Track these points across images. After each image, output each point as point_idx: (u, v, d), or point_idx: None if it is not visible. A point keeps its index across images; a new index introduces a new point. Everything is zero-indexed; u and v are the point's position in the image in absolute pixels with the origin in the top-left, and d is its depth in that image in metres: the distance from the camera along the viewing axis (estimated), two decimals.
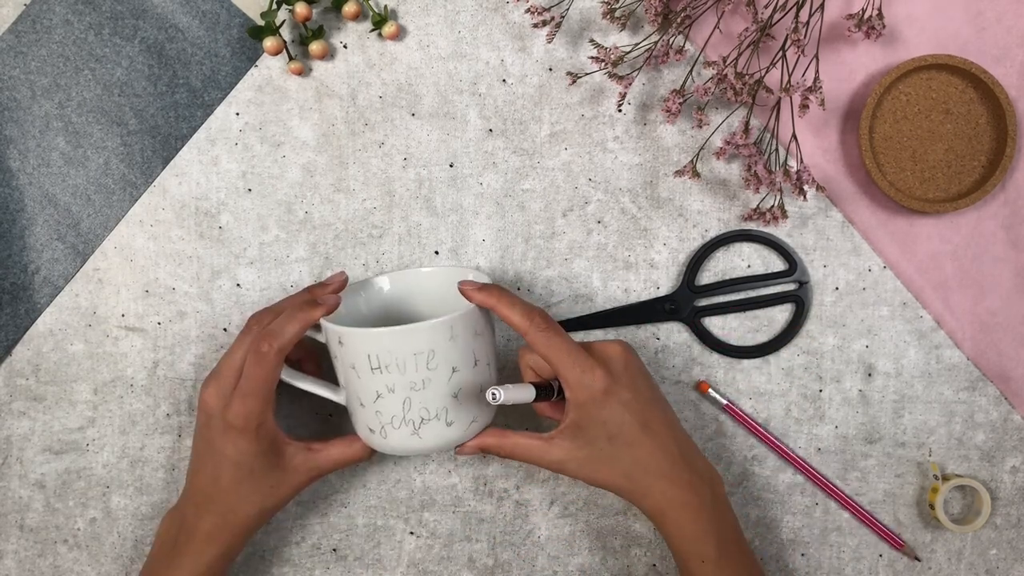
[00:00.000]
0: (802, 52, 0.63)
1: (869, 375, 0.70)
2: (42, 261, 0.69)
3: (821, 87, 0.63)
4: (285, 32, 0.68)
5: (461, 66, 0.69)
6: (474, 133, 0.69)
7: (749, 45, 0.64)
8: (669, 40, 0.64)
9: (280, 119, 0.69)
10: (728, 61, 0.63)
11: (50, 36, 0.68)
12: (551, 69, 0.69)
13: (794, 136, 0.66)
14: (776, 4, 0.63)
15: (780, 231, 0.69)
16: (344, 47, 0.69)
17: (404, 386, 0.58)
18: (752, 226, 0.69)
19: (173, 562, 0.61)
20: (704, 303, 0.69)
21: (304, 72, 0.68)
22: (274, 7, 0.67)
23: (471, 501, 0.70)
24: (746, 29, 0.64)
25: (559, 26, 0.67)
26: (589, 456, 0.59)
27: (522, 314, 0.58)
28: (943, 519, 0.68)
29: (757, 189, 0.66)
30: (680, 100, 0.65)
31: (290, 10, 0.67)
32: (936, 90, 0.67)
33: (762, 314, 0.70)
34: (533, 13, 0.66)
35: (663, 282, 0.70)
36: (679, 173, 0.66)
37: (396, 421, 0.59)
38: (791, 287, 0.69)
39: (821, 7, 0.64)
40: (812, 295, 0.69)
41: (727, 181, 0.69)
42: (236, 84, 0.68)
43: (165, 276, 0.69)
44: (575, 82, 0.67)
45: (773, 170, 0.66)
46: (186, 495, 0.63)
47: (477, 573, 0.71)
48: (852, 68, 0.68)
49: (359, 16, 0.68)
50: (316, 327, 0.61)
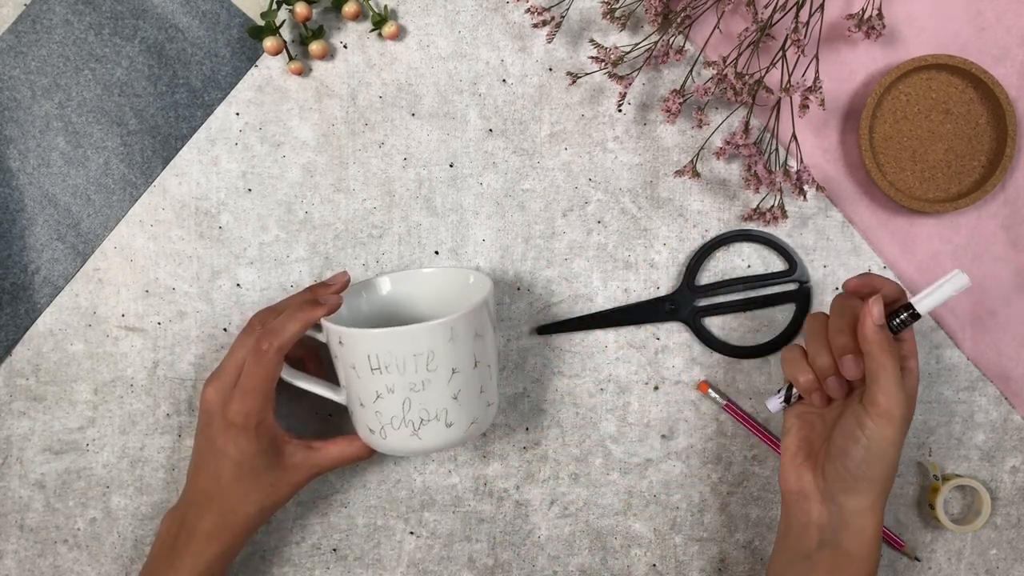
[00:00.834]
0: (802, 52, 0.63)
1: None
2: (42, 261, 0.69)
3: (821, 87, 0.63)
4: (285, 32, 0.68)
5: (461, 66, 0.69)
6: (474, 133, 0.69)
7: (749, 45, 0.64)
8: (669, 40, 0.64)
9: (280, 119, 0.69)
10: (728, 61, 0.63)
11: (50, 36, 0.68)
12: (551, 69, 0.69)
13: (794, 136, 0.66)
14: (776, 4, 0.63)
15: (780, 231, 0.69)
16: (344, 47, 0.69)
17: (404, 387, 0.58)
18: (752, 226, 0.69)
19: (174, 561, 0.61)
20: (704, 303, 0.69)
21: (304, 72, 0.68)
22: (274, 7, 0.67)
23: (471, 501, 0.70)
24: (746, 29, 0.64)
25: (559, 26, 0.67)
26: (900, 447, 0.57)
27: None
28: (943, 519, 0.68)
29: (757, 189, 0.66)
30: (680, 100, 0.65)
31: (290, 10, 0.67)
32: (936, 90, 0.67)
33: (762, 314, 0.70)
34: (533, 13, 0.66)
35: (663, 282, 0.70)
36: (679, 173, 0.66)
37: (396, 422, 0.59)
38: (791, 287, 0.69)
39: (821, 7, 0.64)
40: (812, 295, 0.69)
41: (727, 181, 0.69)
42: (236, 84, 0.68)
43: (165, 276, 0.69)
44: (575, 82, 0.67)
45: (773, 170, 0.66)
46: (186, 494, 0.63)
47: (477, 573, 0.71)
48: (852, 68, 0.68)
49: (359, 16, 0.68)
50: (317, 327, 0.61)
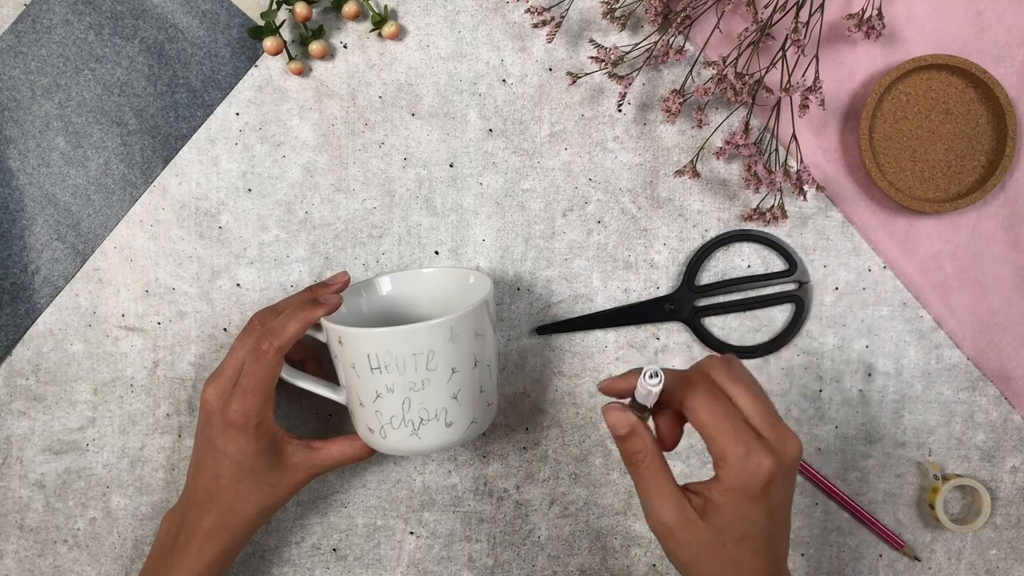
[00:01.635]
0: (802, 52, 0.63)
1: (869, 375, 0.70)
2: (42, 261, 0.69)
3: (821, 87, 0.63)
4: (285, 32, 0.68)
5: (461, 66, 0.69)
6: (474, 133, 0.69)
7: (749, 45, 0.64)
8: (669, 40, 0.64)
9: (280, 119, 0.69)
10: (728, 61, 0.63)
11: (50, 36, 0.68)
12: (551, 69, 0.69)
13: (794, 136, 0.66)
14: (776, 4, 0.63)
15: (780, 231, 0.69)
16: (344, 47, 0.69)
17: (403, 386, 0.58)
18: (752, 226, 0.69)
19: (174, 561, 0.61)
20: (704, 303, 0.69)
21: (304, 72, 0.68)
22: (274, 7, 0.67)
23: (471, 501, 0.70)
24: (746, 29, 0.64)
25: (559, 26, 0.67)
26: (707, 544, 0.49)
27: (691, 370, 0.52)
28: (943, 519, 0.68)
29: (757, 189, 0.66)
30: (680, 100, 0.65)
31: (290, 10, 0.67)
32: (936, 90, 0.67)
33: (762, 314, 0.70)
34: (533, 13, 0.66)
35: (663, 282, 0.70)
36: (679, 173, 0.66)
37: (395, 421, 0.59)
38: (791, 287, 0.69)
39: (821, 7, 0.64)
40: (812, 295, 0.69)
41: (727, 181, 0.69)
42: (236, 84, 0.68)
43: (165, 276, 0.69)
44: (575, 82, 0.67)
45: (773, 170, 0.66)
46: (187, 494, 0.63)
47: (477, 573, 0.71)
48: (852, 68, 0.68)
49: (359, 16, 0.68)
50: (317, 327, 0.61)
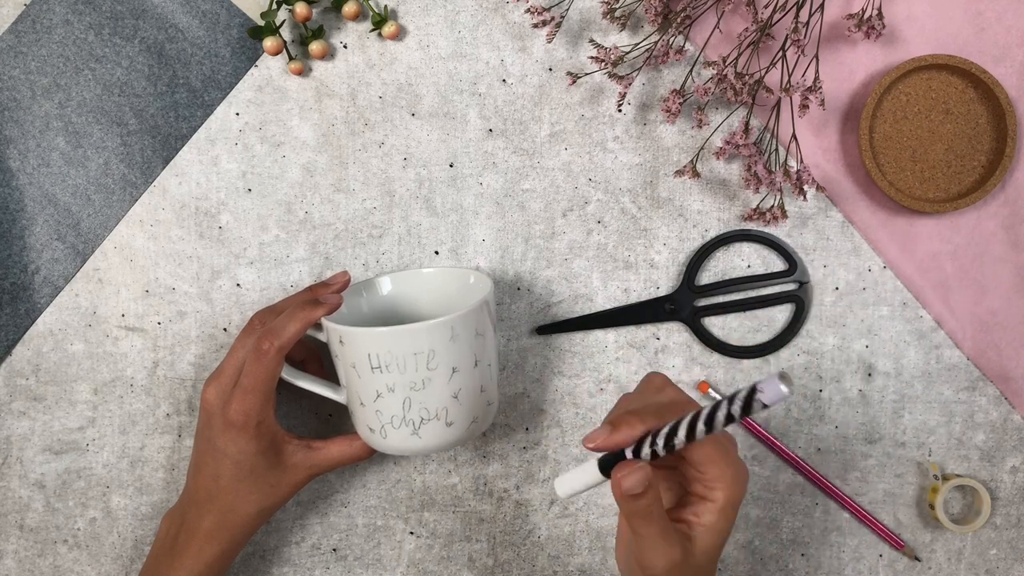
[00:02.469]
0: (802, 52, 0.63)
1: (869, 375, 0.70)
2: (42, 261, 0.69)
3: (821, 87, 0.63)
4: (285, 32, 0.68)
5: (461, 66, 0.69)
6: (474, 133, 0.69)
7: (749, 45, 0.64)
8: (669, 40, 0.64)
9: (280, 119, 0.69)
10: (728, 61, 0.63)
11: (50, 36, 0.68)
12: (551, 69, 0.69)
13: (794, 136, 0.66)
14: (776, 4, 0.63)
15: (780, 231, 0.69)
16: (344, 47, 0.69)
17: (404, 386, 0.58)
18: (752, 226, 0.69)
19: (174, 561, 0.61)
20: (704, 303, 0.69)
21: (304, 72, 0.68)
22: (274, 7, 0.67)
23: (471, 501, 0.70)
24: (746, 29, 0.64)
25: (559, 26, 0.67)
26: (700, 568, 0.50)
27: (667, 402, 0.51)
28: (943, 519, 0.68)
29: (757, 189, 0.66)
30: (680, 100, 0.65)
31: (290, 10, 0.67)
32: (936, 90, 0.67)
33: (762, 314, 0.70)
34: (533, 13, 0.66)
35: (663, 282, 0.70)
36: (679, 173, 0.66)
37: (396, 421, 0.59)
38: (791, 287, 0.69)
39: (821, 7, 0.64)
40: (812, 295, 0.69)
41: (727, 181, 0.69)
42: (236, 84, 0.68)
43: (165, 276, 0.69)
44: (575, 82, 0.67)
45: (773, 170, 0.66)
46: (187, 494, 0.63)
47: (477, 573, 0.71)
48: (852, 68, 0.68)
49: (359, 16, 0.68)
50: (318, 326, 0.61)
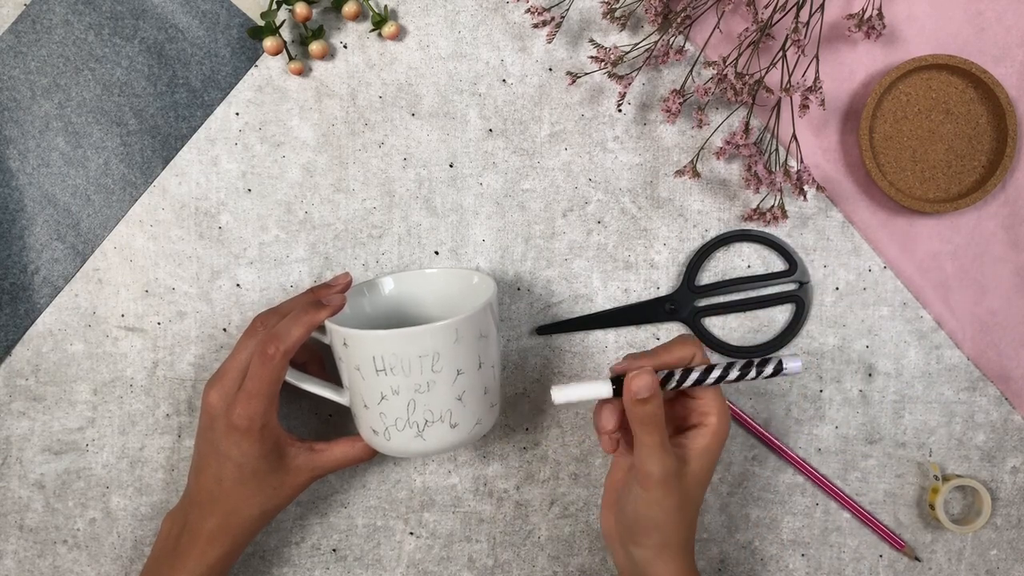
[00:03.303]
0: (802, 52, 0.63)
1: (869, 375, 0.70)
2: (42, 261, 0.69)
3: (821, 87, 0.63)
4: (285, 32, 0.68)
5: (461, 66, 0.69)
6: (474, 133, 0.69)
7: (749, 45, 0.64)
8: (669, 40, 0.64)
9: (280, 119, 0.69)
10: (728, 61, 0.63)
11: (50, 36, 0.68)
12: (551, 69, 0.69)
13: (794, 136, 0.66)
14: (776, 4, 0.63)
15: (780, 231, 0.69)
16: (344, 47, 0.69)
17: (408, 388, 0.58)
18: (752, 226, 0.69)
19: (176, 563, 0.61)
20: (704, 303, 0.69)
21: (304, 72, 0.68)
22: (274, 7, 0.67)
23: (471, 501, 0.70)
24: (746, 29, 0.64)
25: (559, 26, 0.67)
26: (678, 506, 0.56)
27: (681, 344, 0.57)
28: (943, 519, 0.68)
29: (757, 189, 0.66)
30: (680, 100, 0.65)
31: (290, 10, 0.67)
32: (936, 90, 0.67)
33: (762, 314, 0.70)
34: (533, 13, 0.66)
35: (663, 282, 0.69)
36: (679, 173, 0.66)
37: (400, 423, 0.59)
38: (791, 287, 0.69)
39: (821, 7, 0.64)
40: (812, 295, 0.69)
41: (727, 181, 0.69)
42: (236, 84, 0.68)
43: (165, 276, 0.69)
44: (575, 82, 0.67)
45: (773, 170, 0.66)
46: (188, 496, 0.63)
47: (477, 573, 0.71)
48: (852, 68, 0.68)
49: (359, 16, 0.68)
50: (321, 328, 0.61)
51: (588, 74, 0.68)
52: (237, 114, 0.69)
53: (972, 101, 0.67)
